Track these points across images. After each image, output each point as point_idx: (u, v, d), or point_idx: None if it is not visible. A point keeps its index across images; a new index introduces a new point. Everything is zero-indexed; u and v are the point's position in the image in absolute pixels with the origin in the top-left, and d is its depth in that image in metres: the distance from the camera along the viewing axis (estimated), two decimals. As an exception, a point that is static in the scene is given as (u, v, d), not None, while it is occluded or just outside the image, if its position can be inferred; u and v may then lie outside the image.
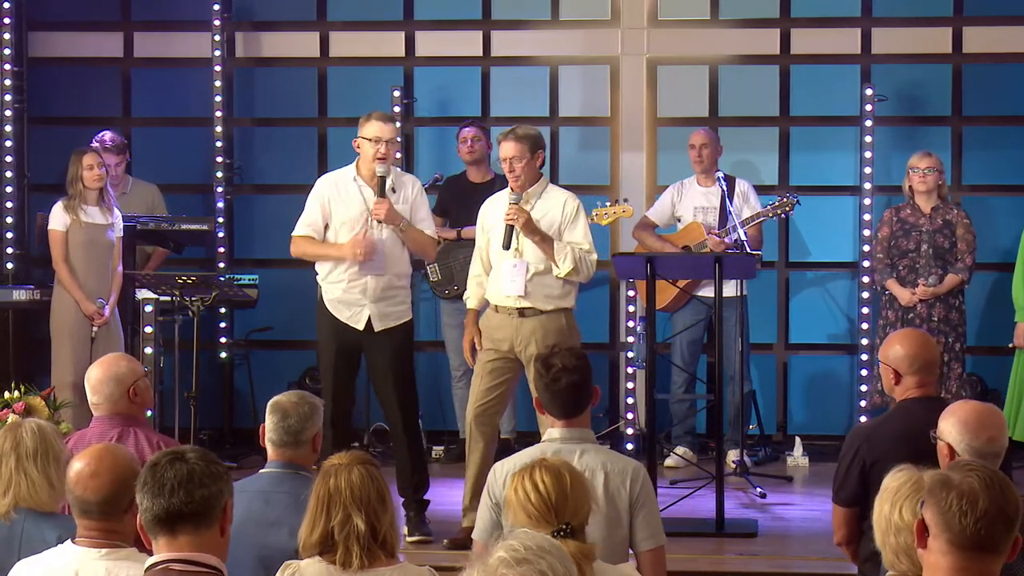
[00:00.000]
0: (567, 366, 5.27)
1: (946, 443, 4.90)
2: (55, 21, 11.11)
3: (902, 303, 9.46)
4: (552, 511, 4.29)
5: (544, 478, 4.33)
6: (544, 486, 4.31)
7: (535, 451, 5.26)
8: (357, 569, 4.33)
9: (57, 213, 9.43)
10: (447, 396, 10.25)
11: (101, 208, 9.46)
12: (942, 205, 9.55)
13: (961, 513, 3.34)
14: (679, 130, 10.47)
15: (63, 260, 9.39)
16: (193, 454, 3.86)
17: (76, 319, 9.39)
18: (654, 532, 5.17)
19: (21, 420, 5.16)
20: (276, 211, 10.84)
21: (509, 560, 2.89)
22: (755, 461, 9.80)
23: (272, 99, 11.04)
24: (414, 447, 8.00)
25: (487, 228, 7.90)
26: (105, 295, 9.42)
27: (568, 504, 4.32)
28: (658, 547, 5.17)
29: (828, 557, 7.02)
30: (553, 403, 5.30)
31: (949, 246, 9.45)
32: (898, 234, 9.55)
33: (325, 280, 7.96)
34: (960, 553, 3.35)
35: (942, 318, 9.41)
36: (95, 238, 9.43)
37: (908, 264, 9.50)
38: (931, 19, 10.61)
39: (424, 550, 7.52)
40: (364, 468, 4.44)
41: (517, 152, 7.73)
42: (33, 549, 4.65)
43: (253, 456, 9.17)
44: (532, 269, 7.70)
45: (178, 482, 3.78)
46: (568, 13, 10.83)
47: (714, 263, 8.10)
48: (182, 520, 3.79)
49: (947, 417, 4.94)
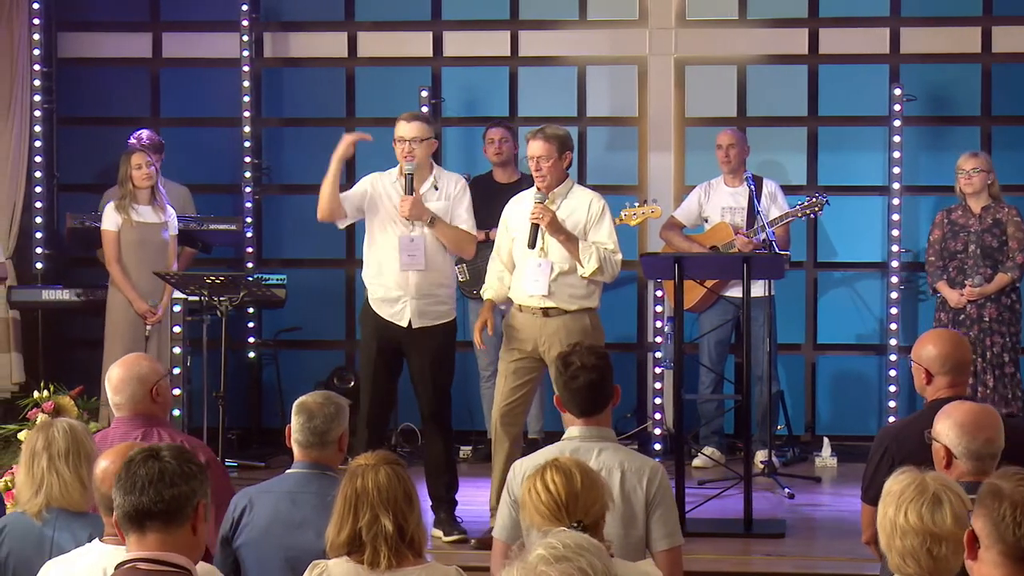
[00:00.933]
0: (586, 364, 5.27)
1: (942, 445, 4.88)
2: (84, 22, 11.14)
3: (951, 304, 9.43)
4: (563, 510, 4.31)
5: (555, 478, 4.35)
6: (555, 486, 4.33)
7: (553, 450, 5.27)
8: (385, 569, 4.34)
9: (109, 213, 9.46)
10: (475, 396, 10.25)
11: (153, 207, 9.50)
12: (993, 204, 9.48)
13: (1015, 524, 3.31)
14: (707, 130, 10.46)
15: (115, 260, 9.42)
16: (168, 452, 3.84)
17: (129, 318, 9.42)
18: (670, 532, 5.15)
19: (52, 420, 5.16)
20: (304, 211, 10.83)
21: (548, 558, 2.91)
22: (783, 461, 9.78)
23: (300, 99, 11.06)
24: (447, 447, 8.00)
25: (511, 227, 7.89)
26: (159, 294, 9.45)
27: (579, 503, 4.33)
28: (674, 547, 5.13)
29: (856, 557, 7.01)
30: (572, 401, 5.31)
31: (998, 245, 9.39)
32: (948, 236, 9.51)
33: (370, 278, 7.97)
34: (1014, 565, 3.32)
35: (994, 317, 9.35)
36: (147, 237, 9.46)
37: (957, 265, 9.46)
38: (960, 19, 10.57)
39: (454, 550, 7.52)
40: (391, 468, 4.44)
41: (545, 151, 7.73)
42: (64, 549, 4.67)
43: (281, 456, 9.17)
44: (556, 269, 7.69)
45: (148, 480, 3.77)
46: (596, 13, 10.82)
47: (742, 263, 8.08)
48: (151, 518, 3.78)
49: (943, 419, 4.91)
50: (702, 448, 9.80)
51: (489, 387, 9.95)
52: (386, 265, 7.86)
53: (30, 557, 4.81)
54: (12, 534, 4.90)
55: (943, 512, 3.75)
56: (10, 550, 4.87)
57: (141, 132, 10.26)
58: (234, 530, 5.16)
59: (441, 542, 7.70)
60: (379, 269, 7.89)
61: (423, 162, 7.90)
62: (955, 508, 3.76)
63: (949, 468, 4.84)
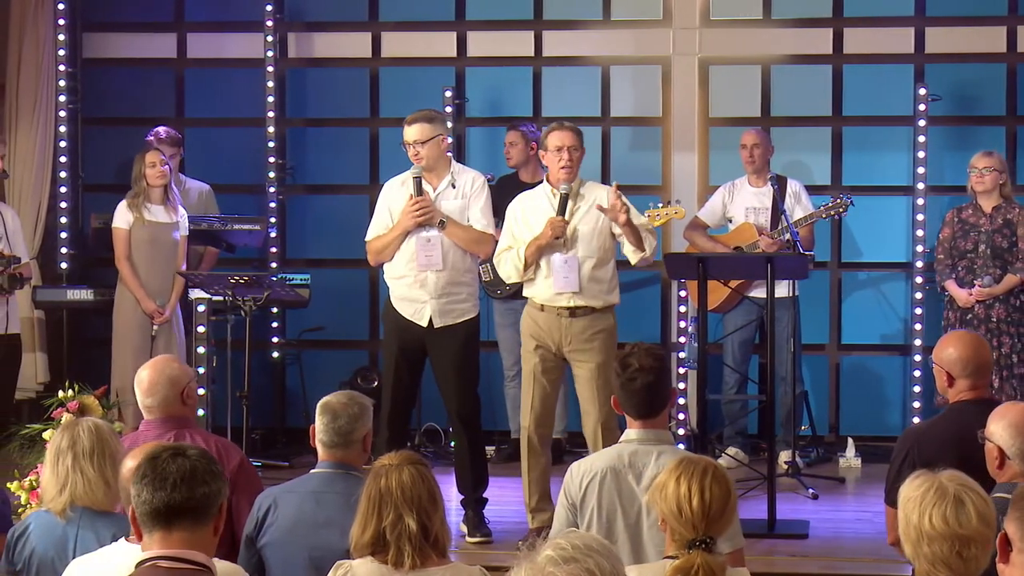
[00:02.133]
0: (644, 366, 5.25)
1: (996, 445, 4.86)
2: (109, 22, 11.17)
3: (960, 304, 9.41)
4: (704, 520, 4.21)
5: (713, 487, 4.23)
6: (710, 494, 4.22)
7: (611, 452, 5.28)
8: (409, 569, 4.34)
9: (121, 211, 9.50)
10: (499, 396, 10.24)
11: (166, 207, 9.53)
12: (1004, 204, 9.46)
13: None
14: (731, 130, 10.45)
15: (125, 258, 9.45)
16: (194, 451, 3.84)
17: (137, 318, 9.44)
18: (733, 534, 5.10)
19: (77, 419, 5.17)
20: (328, 211, 10.90)
21: (556, 558, 2.90)
22: (807, 462, 9.77)
23: (324, 99, 11.07)
24: (475, 445, 7.99)
25: (533, 224, 7.77)
26: (168, 294, 9.47)
27: (722, 520, 4.25)
28: (737, 549, 5.07)
29: (880, 559, 7.00)
30: (629, 403, 5.29)
31: (1009, 245, 9.38)
32: (958, 235, 9.49)
33: (391, 278, 7.96)
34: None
35: (1002, 318, 9.33)
36: (158, 236, 9.49)
37: (966, 265, 9.44)
38: (985, 18, 10.54)
39: (481, 550, 7.53)
40: (415, 468, 4.45)
41: (577, 142, 7.74)
42: (87, 548, 4.68)
43: (305, 456, 9.19)
44: (584, 263, 7.67)
45: (180, 477, 3.76)
46: (620, 13, 10.81)
47: (766, 264, 8.07)
48: (181, 516, 3.76)
49: (997, 419, 4.90)
50: (726, 448, 9.78)
51: (513, 387, 9.96)
52: (406, 265, 7.85)
53: (54, 556, 4.83)
54: (36, 532, 4.92)
55: (967, 512, 3.72)
56: (34, 548, 4.89)
57: (158, 128, 10.29)
58: (258, 530, 5.17)
59: (465, 542, 7.70)
60: (400, 269, 7.88)
61: (435, 161, 7.87)
62: (978, 506, 3.73)
63: (1002, 468, 4.83)
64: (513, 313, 9.96)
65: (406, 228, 7.75)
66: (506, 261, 7.79)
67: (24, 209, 10.51)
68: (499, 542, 7.73)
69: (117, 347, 9.52)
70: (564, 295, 7.67)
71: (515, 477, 7.98)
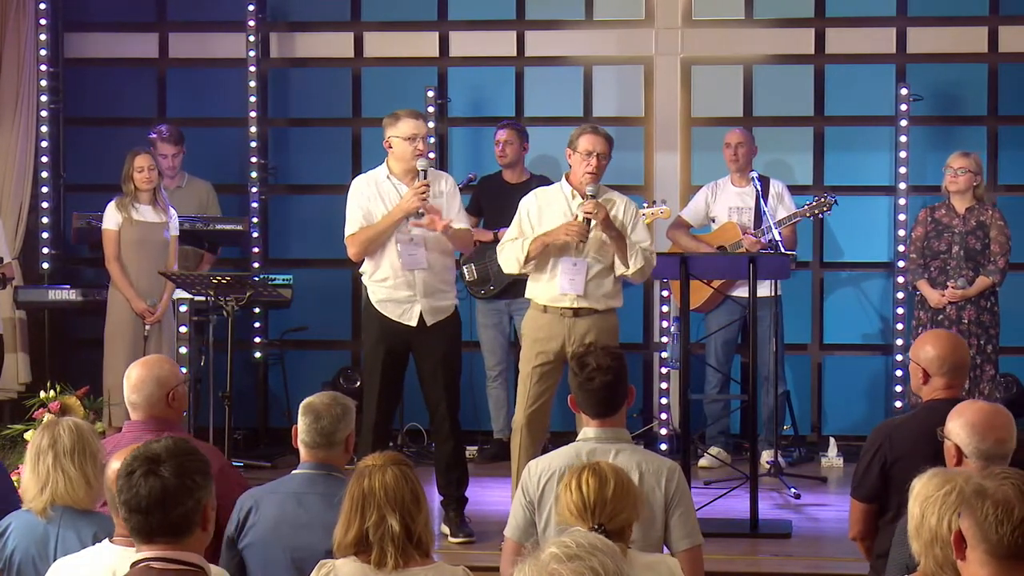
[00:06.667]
0: (601, 365, 5.27)
1: (953, 443, 4.87)
2: (91, 22, 11.15)
3: (932, 304, 9.42)
4: (589, 511, 4.42)
5: (589, 480, 4.46)
6: (587, 488, 4.45)
7: (569, 451, 5.28)
8: (392, 569, 4.34)
9: (110, 212, 9.46)
10: (481, 396, 10.24)
11: (155, 207, 9.50)
12: (977, 206, 9.48)
13: (997, 523, 3.31)
14: (713, 130, 10.46)
15: (115, 258, 9.42)
16: (167, 469, 3.75)
17: (129, 318, 9.41)
18: (690, 531, 5.17)
19: (58, 418, 5.16)
20: (310, 211, 10.89)
21: (561, 556, 2.92)
22: (789, 462, 9.78)
23: (306, 99, 11.06)
24: (457, 444, 7.97)
25: (544, 223, 7.74)
26: (159, 294, 9.44)
27: (606, 508, 4.42)
28: (695, 546, 5.17)
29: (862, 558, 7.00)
30: (587, 402, 5.31)
31: (981, 248, 9.39)
32: (931, 235, 9.50)
33: (372, 280, 7.89)
34: (998, 563, 3.32)
35: (973, 320, 9.35)
36: (147, 236, 9.45)
37: (939, 265, 9.45)
38: (967, 18, 10.57)
39: (464, 550, 7.53)
40: (398, 468, 4.44)
41: (607, 150, 7.74)
42: (69, 547, 4.68)
43: (288, 456, 9.19)
44: (592, 268, 7.67)
45: (153, 501, 3.73)
46: (602, 13, 10.82)
47: (748, 263, 8.07)
48: (160, 534, 3.75)
49: (955, 418, 4.91)
50: (708, 448, 9.80)
51: (496, 387, 9.97)
52: (391, 266, 7.83)
53: (35, 555, 4.83)
54: (17, 531, 4.91)
55: None
56: (15, 547, 4.88)
57: (161, 126, 10.28)
58: (240, 531, 5.15)
59: (448, 542, 7.70)
60: (383, 271, 7.84)
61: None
62: None
63: (959, 467, 4.84)
64: (496, 314, 9.98)
65: (407, 211, 7.69)
66: (508, 250, 7.77)
67: (5, 209, 10.48)
68: (481, 543, 7.72)
69: (109, 347, 9.49)
70: (567, 296, 7.68)
71: (497, 477, 7.99)
